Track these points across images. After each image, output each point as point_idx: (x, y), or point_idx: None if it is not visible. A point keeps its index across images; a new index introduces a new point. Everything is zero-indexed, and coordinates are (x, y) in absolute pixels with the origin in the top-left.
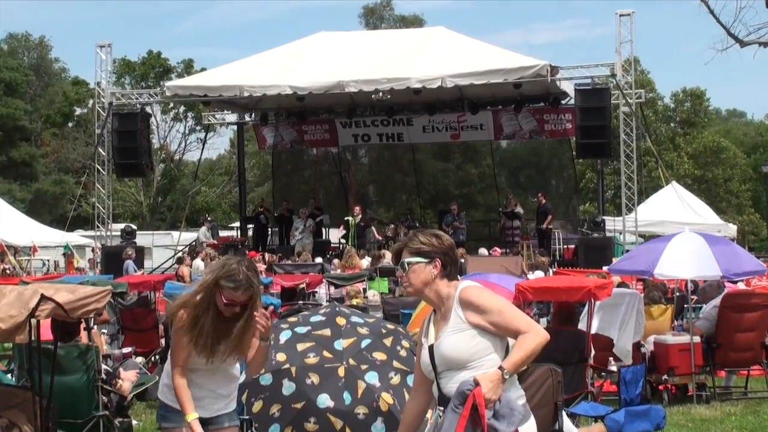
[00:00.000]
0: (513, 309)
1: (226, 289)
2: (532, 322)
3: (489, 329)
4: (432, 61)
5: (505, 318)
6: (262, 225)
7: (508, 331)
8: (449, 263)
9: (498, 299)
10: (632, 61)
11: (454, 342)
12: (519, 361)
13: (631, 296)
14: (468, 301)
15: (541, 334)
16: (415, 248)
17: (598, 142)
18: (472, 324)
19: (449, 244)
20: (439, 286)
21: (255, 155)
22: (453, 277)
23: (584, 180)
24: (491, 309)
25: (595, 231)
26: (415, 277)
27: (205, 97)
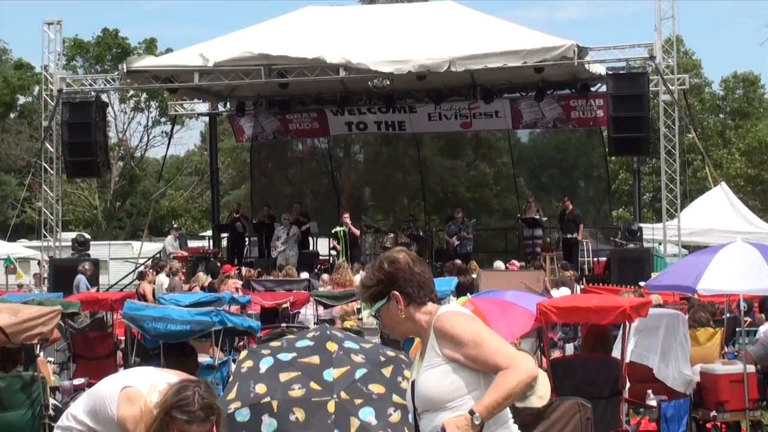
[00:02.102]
0: (493, 340)
1: (178, 422)
2: (515, 355)
3: (466, 364)
4: (438, 41)
5: (483, 351)
6: (239, 234)
7: (486, 366)
8: (410, 286)
9: (476, 328)
10: (674, 41)
11: (429, 379)
12: (493, 403)
13: (671, 318)
14: (442, 332)
15: (524, 370)
16: (367, 295)
17: (633, 137)
18: (447, 358)
19: (397, 267)
20: (414, 316)
21: (230, 152)
22: (426, 298)
23: (617, 181)
24: (467, 340)
25: (630, 241)
26: (387, 322)
27: (171, 83)
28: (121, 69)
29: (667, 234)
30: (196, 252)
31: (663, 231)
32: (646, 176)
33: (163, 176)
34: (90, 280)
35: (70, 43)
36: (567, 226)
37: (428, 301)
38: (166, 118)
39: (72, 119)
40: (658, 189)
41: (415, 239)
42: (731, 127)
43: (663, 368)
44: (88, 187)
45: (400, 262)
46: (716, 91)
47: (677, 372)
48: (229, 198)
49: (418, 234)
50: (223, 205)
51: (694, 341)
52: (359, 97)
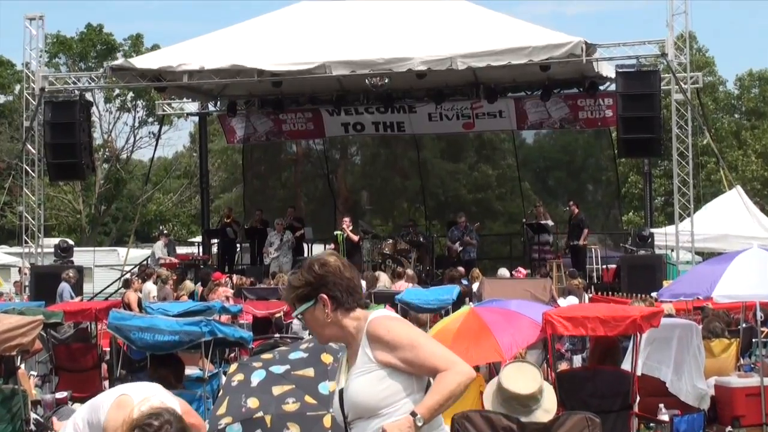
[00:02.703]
0: (430, 343)
1: None
2: (453, 358)
3: (402, 368)
4: (439, 38)
5: (419, 354)
6: (230, 240)
7: (423, 369)
8: (339, 290)
9: (412, 331)
10: (687, 38)
11: (361, 385)
12: (435, 405)
13: (684, 328)
14: (376, 336)
15: (463, 372)
16: (293, 296)
17: (644, 138)
18: (381, 363)
19: (327, 270)
20: (341, 321)
21: (221, 153)
22: (354, 304)
23: (627, 184)
24: (402, 344)
25: (641, 247)
26: (312, 325)
27: (159, 81)
28: (106, 66)
29: (679, 240)
30: (184, 259)
31: (675, 237)
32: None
33: (150, 179)
34: (74, 289)
35: (52, 39)
36: (573, 232)
37: (356, 307)
38: (153, 118)
39: (55, 119)
40: (670, 193)
41: (415, 245)
42: (747, 127)
43: (676, 381)
44: (72, 191)
45: (331, 266)
46: (731, 90)
47: (691, 385)
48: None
49: (418, 240)
50: (214, 209)
51: (709, 353)
52: (356, 96)
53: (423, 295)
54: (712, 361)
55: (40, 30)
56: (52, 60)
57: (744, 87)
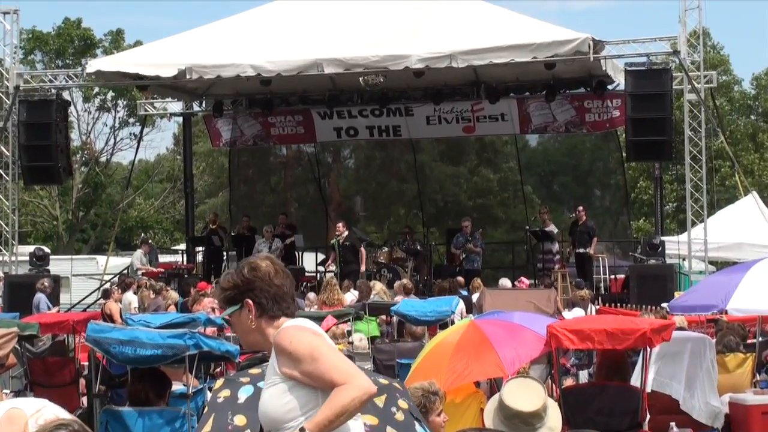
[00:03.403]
0: (332, 356)
1: None
2: (352, 372)
3: (304, 381)
4: (438, 34)
5: (320, 367)
6: (216, 248)
7: (322, 382)
8: (265, 297)
9: (315, 342)
10: (700, 34)
11: (267, 398)
12: (325, 420)
13: (696, 342)
14: (280, 347)
15: (359, 387)
16: (221, 298)
17: (655, 140)
18: (285, 375)
19: (256, 275)
20: (264, 329)
21: (206, 156)
22: (279, 312)
23: (637, 190)
24: (303, 356)
25: (651, 256)
26: (238, 330)
27: (141, 79)
28: (85, 64)
29: (692, 248)
30: (167, 267)
31: (688, 245)
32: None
33: (131, 183)
34: (50, 299)
35: (27, 34)
36: (580, 240)
37: (282, 315)
38: (134, 119)
39: (30, 119)
40: (682, 198)
41: (411, 253)
42: (763, 129)
43: (688, 398)
44: (48, 196)
45: (261, 270)
46: (747, 90)
47: (703, 402)
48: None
49: (416, 248)
50: (198, 215)
51: (723, 368)
52: (350, 95)
53: (420, 306)
54: (727, 377)
55: (14, 25)
56: (28, 57)
57: (761, 87)
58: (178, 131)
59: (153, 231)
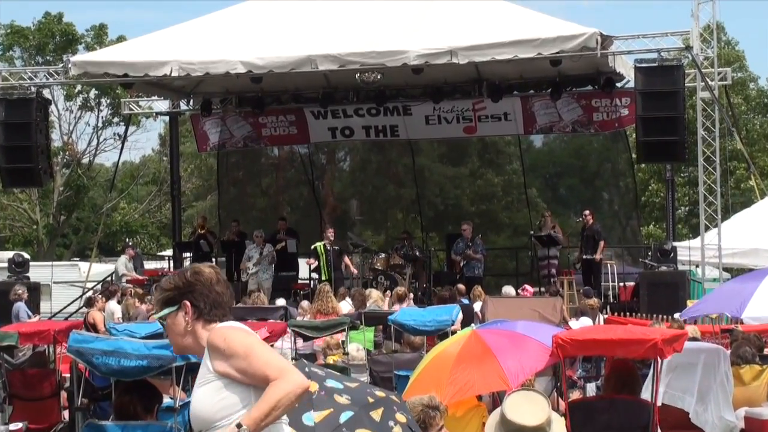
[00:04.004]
0: (265, 352)
1: None
2: (287, 367)
3: (238, 378)
4: (438, 28)
5: (254, 363)
6: (204, 253)
7: (256, 378)
8: (203, 300)
9: (248, 340)
10: (714, 29)
11: (199, 396)
12: (261, 415)
13: (710, 353)
14: (214, 346)
15: (293, 381)
16: (159, 298)
17: (666, 141)
18: (219, 373)
19: (196, 279)
20: (198, 332)
21: (194, 157)
22: (215, 318)
23: (647, 193)
24: (237, 352)
25: (662, 263)
26: (171, 332)
27: (125, 77)
28: (66, 61)
29: (705, 255)
30: (153, 274)
31: (701, 251)
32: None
33: (115, 186)
34: (29, 307)
35: (6, 29)
36: (587, 245)
37: (217, 321)
38: (118, 118)
39: (8, 119)
40: (695, 202)
41: (410, 260)
42: None
43: (701, 412)
44: (28, 199)
45: (203, 275)
46: (763, 88)
47: (717, 417)
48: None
49: (414, 254)
50: (186, 219)
51: (738, 380)
52: (345, 93)
53: (419, 315)
54: (742, 390)
55: None
56: (6, 53)
57: None
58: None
59: (138, 236)
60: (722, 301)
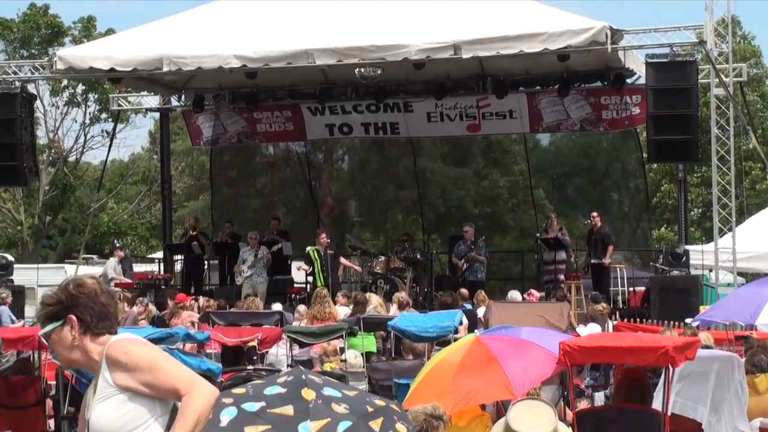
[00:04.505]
0: (170, 364)
1: None
2: (194, 377)
3: (143, 391)
4: (440, 22)
5: (160, 376)
6: (196, 256)
7: (164, 391)
8: (90, 314)
9: (152, 353)
10: (729, 23)
11: (101, 411)
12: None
13: (724, 361)
14: (114, 359)
15: (206, 392)
16: (43, 314)
17: (678, 139)
18: (120, 387)
19: (80, 292)
20: (87, 345)
21: (185, 155)
22: (104, 330)
23: (659, 194)
24: (141, 365)
25: (674, 267)
26: (58, 347)
27: (114, 71)
28: (52, 54)
29: (719, 258)
30: (143, 278)
31: (714, 255)
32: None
33: (103, 185)
34: (14, 311)
35: None
36: (595, 248)
37: (106, 333)
38: (107, 114)
39: None
40: (709, 204)
41: (411, 263)
42: None
43: (714, 423)
44: (12, 199)
45: (87, 287)
46: None
47: (731, 427)
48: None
49: (415, 257)
50: (177, 220)
51: (753, 390)
52: (343, 89)
53: (420, 321)
54: (757, 400)
55: None
56: None
57: None
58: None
59: (127, 238)
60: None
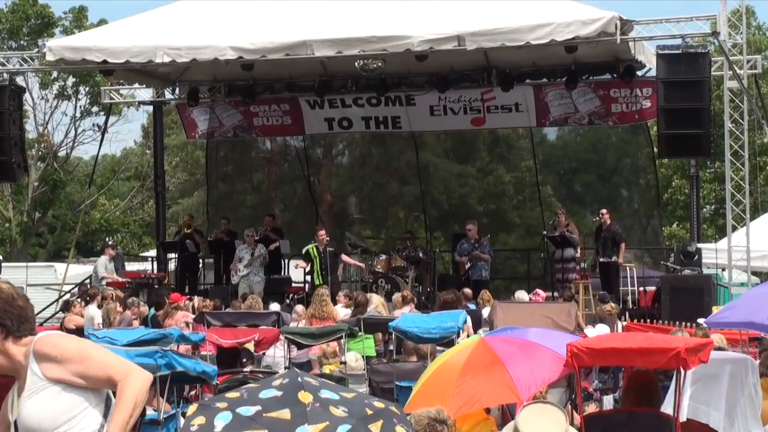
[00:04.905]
0: (102, 353)
1: None
2: (127, 364)
3: (75, 382)
4: (444, 12)
5: (91, 365)
6: (190, 254)
7: (97, 381)
8: (9, 318)
9: (81, 344)
10: (743, 13)
11: (33, 406)
12: (126, 418)
13: (737, 363)
14: (43, 354)
15: (140, 377)
16: None
17: (690, 134)
18: (51, 380)
19: None
20: (10, 350)
21: (179, 150)
22: (26, 332)
23: (670, 190)
24: (71, 357)
25: (686, 266)
26: None
27: (106, 63)
28: (42, 46)
29: (732, 257)
30: (135, 277)
31: (728, 253)
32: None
33: (94, 181)
34: None
35: None
36: (604, 247)
37: (28, 335)
38: (98, 108)
39: None
40: (722, 200)
41: (413, 262)
42: None
43: (727, 427)
44: (0, 195)
45: (4, 293)
46: None
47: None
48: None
49: (417, 255)
50: (171, 217)
51: (766, 393)
52: (343, 82)
53: (423, 322)
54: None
55: None
56: None
57: None
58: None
59: (119, 235)
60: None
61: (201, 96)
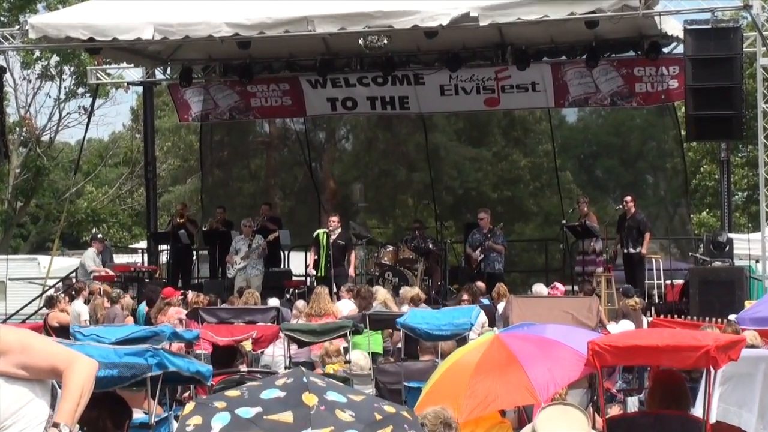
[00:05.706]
0: (44, 343)
1: None
2: (71, 353)
3: (18, 374)
4: None
5: (33, 355)
6: (184, 246)
7: (40, 371)
8: None
9: (21, 334)
10: None
11: None
12: (74, 406)
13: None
14: None
15: (86, 364)
16: None
17: (720, 115)
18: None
19: None
20: None
21: (171, 133)
22: None
23: (699, 176)
24: (12, 348)
25: (717, 257)
26: None
27: (92, 41)
28: (23, 23)
29: (766, 248)
30: (125, 270)
31: (762, 244)
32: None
33: (80, 167)
34: None
35: None
36: (629, 237)
37: None
38: (84, 89)
39: None
40: (755, 186)
41: (422, 253)
42: None
43: (760, 430)
44: None
45: None
46: None
47: None
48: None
49: (427, 246)
50: (162, 206)
51: None
52: (347, 60)
53: (433, 318)
54: None
55: None
56: None
57: None
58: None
59: (107, 225)
60: None
61: (194, 76)
